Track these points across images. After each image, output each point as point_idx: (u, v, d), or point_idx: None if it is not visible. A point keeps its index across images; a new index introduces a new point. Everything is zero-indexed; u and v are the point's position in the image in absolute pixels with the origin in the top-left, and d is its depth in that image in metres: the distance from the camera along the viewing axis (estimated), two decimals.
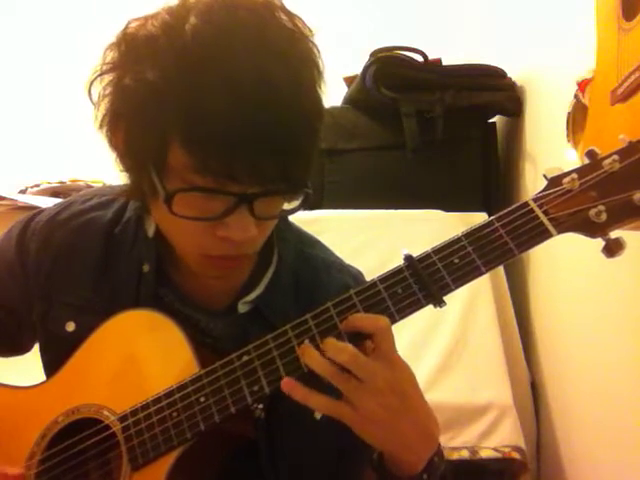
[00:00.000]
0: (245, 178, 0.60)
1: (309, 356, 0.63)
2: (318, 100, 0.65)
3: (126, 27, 0.64)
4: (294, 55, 0.61)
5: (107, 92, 0.66)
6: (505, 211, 0.63)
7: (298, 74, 0.61)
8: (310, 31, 0.65)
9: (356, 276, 0.85)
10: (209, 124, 0.58)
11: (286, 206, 0.69)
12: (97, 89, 0.67)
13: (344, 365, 0.61)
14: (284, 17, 0.63)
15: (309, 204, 0.68)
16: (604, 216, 0.59)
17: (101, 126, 0.67)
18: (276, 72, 0.59)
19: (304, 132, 0.62)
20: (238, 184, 0.61)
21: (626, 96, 0.75)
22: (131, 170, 0.68)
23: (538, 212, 0.61)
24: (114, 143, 0.67)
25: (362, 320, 0.63)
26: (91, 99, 0.67)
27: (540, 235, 0.61)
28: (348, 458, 0.76)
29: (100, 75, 0.66)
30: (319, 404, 0.62)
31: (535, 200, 0.62)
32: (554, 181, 0.62)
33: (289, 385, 0.62)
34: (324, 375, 0.62)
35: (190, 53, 0.58)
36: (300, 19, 0.65)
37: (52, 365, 0.79)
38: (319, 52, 0.65)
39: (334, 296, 0.65)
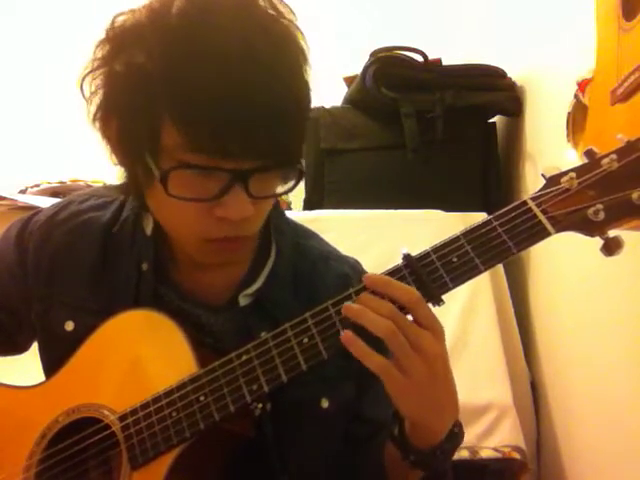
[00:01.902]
0: (238, 153, 0.61)
1: (367, 317, 0.61)
2: (304, 78, 0.65)
3: (113, 21, 0.65)
4: (277, 32, 0.63)
5: (99, 86, 0.66)
6: (503, 210, 0.63)
7: (282, 49, 0.62)
8: (293, 14, 0.66)
9: (354, 265, 0.86)
10: (198, 101, 0.58)
11: (280, 189, 0.70)
12: (88, 86, 0.67)
13: (402, 329, 0.61)
14: (267, 1, 0.64)
15: (299, 182, 0.69)
16: (602, 215, 0.59)
17: (94, 120, 0.68)
18: (261, 47, 0.60)
19: (293, 104, 0.62)
20: (232, 160, 0.61)
21: (626, 96, 0.75)
22: (125, 159, 0.68)
23: (536, 211, 0.61)
24: (107, 135, 0.68)
25: (396, 289, 0.63)
26: (83, 95, 0.68)
27: (538, 234, 0.61)
28: (352, 447, 0.76)
29: (91, 71, 0.66)
30: (373, 362, 0.61)
31: (533, 199, 0.62)
32: (552, 180, 0.62)
33: (349, 339, 0.61)
34: (384, 334, 0.60)
35: (175, 33, 0.59)
36: (282, 3, 0.66)
37: (51, 364, 0.79)
38: (303, 35, 0.66)
39: (333, 295, 0.65)
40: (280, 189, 0.69)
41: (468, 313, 1.48)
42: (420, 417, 0.66)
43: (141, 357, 0.74)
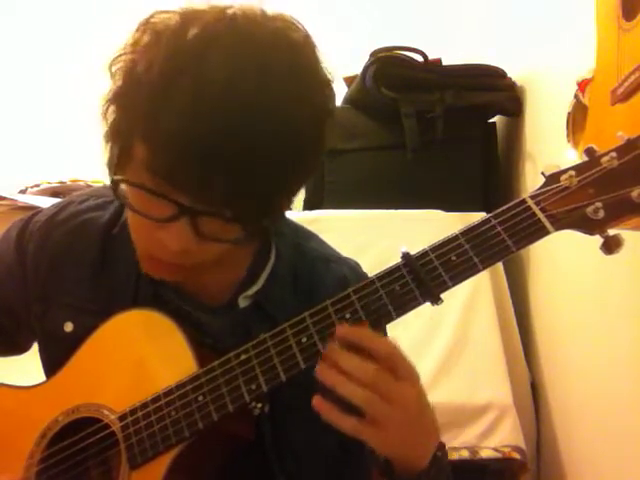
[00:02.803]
0: (190, 190, 0.59)
1: (335, 380, 0.62)
2: (298, 136, 0.61)
3: (150, 17, 0.64)
4: (283, 87, 0.59)
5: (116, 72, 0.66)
6: (502, 208, 0.63)
7: (277, 105, 0.59)
8: (312, 48, 0.65)
9: (353, 267, 0.86)
10: (165, 126, 0.57)
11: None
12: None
13: (374, 387, 0.61)
14: (304, 50, 0.63)
15: (261, 239, 0.69)
16: (602, 213, 0.59)
17: (102, 100, 0.67)
18: (251, 96, 0.57)
19: (264, 162, 0.59)
20: (182, 195, 0.60)
21: (626, 96, 0.75)
22: (107, 144, 0.68)
23: (535, 209, 0.61)
24: (106, 118, 0.67)
25: (373, 342, 0.63)
26: (111, 76, 0.67)
27: (537, 232, 0.61)
28: (351, 451, 0.76)
29: (119, 56, 0.65)
30: (346, 425, 0.62)
31: (532, 197, 0.62)
32: (552, 178, 0.62)
33: (320, 405, 0.62)
34: (362, 404, 0.61)
35: (177, 56, 0.59)
36: (320, 54, 0.65)
37: (51, 365, 0.79)
38: (317, 71, 0.66)
39: (332, 295, 0.66)
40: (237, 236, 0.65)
41: (468, 313, 1.48)
42: (399, 455, 0.67)
43: (141, 357, 0.74)
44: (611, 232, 0.60)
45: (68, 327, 0.78)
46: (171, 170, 0.58)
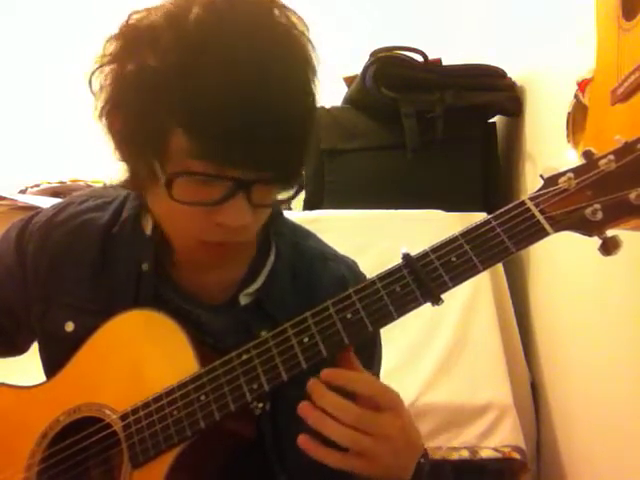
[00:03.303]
0: (243, 163, 0.61)
1: (319, 421, 0.63)
2: (312, 92, 0.66)
3: (128, 19, 0.65)
4: (290, 46, 0.63)
5: (108, 82, 0.66)
6: (502, 210, 0.63)
7: (293, 64, 0.63)
8: (306, 27, 0.66)
9: (351, 266, 0.86)
10: (207, 110, 0.59)
11: (280, 196, 0.71)
12: (97, 80, 0.68)
13: (355, 425, 0.63)
14: (282, 13, 0.64)
15: (299, 193, 0.70)
16: (600, 215, 0.60)
17: (100, 115, 0.68)
18: (273, 60, 0.61)
19: (299, 120, 0.63)
20: (236, 170, 0.62)
21: (626, 96, 0.75)
22: (130, 157, 0.69)
23: (534, 211, 0.62)
24: (112, 131, 0.68)
25: (355, 383, 0.65)
26: (91, 89, 0.68)
27: (536, 233, 0.61)
28: None
29: (101, 66, 0.67)
30: (333, 460, 0.63)
31: (532, 199, 0.63)
32: (550, 180, 0.63)
33: (305, 443, 0.64)
34: (347, 444, 0.63)
35: (191, 40, 0.60)
36: (297, 15, 0.66)
37: (51, 365, 0.80)
38: (314, 48, 0.67)
39: (332, 294, 0.66)
40: (279, 197, 0.70)
41: (468, 313, 1.48)
42: (385, 477, 0.68)
43: (142, 357, 0.74)
44: (609, 233, 0.60)
45: (69, 327, 0.78)
46: (220, 149, 0.60)
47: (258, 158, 0.62)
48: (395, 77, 1.67)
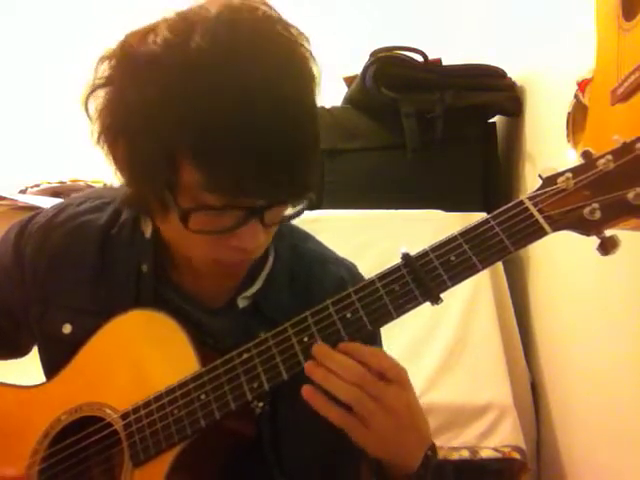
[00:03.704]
0: (256, 192, 0.61)
1: (323, 376, 0.63)
2: (316, 110, 0.66)
3: (124, 41, 0.64)
4: (295, 67, 0.63)
5: (104, 106, 0.65)
6: (501, 209, 0.64)
7: (302, 86, 0.62)
8: (307, 40, 0.66)
9: (350, 269, 0.86)
10: (218, 141, 0.58)
11: (290, 210, 0.70)
12: (92, 103, 0.67)
13: (361, 385, 0.63)
14: (284, 28, 0.63)
15: (311, 205, 0.69)
16: (598, 214, 0.60)
17: (98, 141, 0.67)
18: (282, 86, 0.60)
19: (310, 142, 0.63)
20: (249, 199, 0.62)
21: (626, 96, 0.75)
22: (137, 184, 0.68)
23: (533, 210, 0.62)
24: (114, 157, 0.67)
25: (363, 352, 0.65)
26: (87, 113, 0.67)
27: (535, 233, 0.62)
28: (347, 453, 0.77)
29: (96, 89, 0.66)
30: (333, 415, 0.63)
31: (530, 198, 0.63)
32: (549, 180, 0.63)
33: (308, 394, 0.64)
34: (349, 401, 0.63)
35: (195, 71, 0.58)
36: (296, 28, 0.65)
37: (50, 366, 0.80)
38: (315, 61, 0.66)
39: (333, 294, 0.66)
40: (289, 211, 0.70)
41: (468, 313, 1.48)
42: (389, 459, 0.68)
43: (143, 356, 0.74)
44: (607, 233, 0.60)
45: (66, 329, 0.78)
46: (235, 182, 0.60)
47: (272, 185, 0.61)
48: (395, 77, 1.67)
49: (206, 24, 0.59)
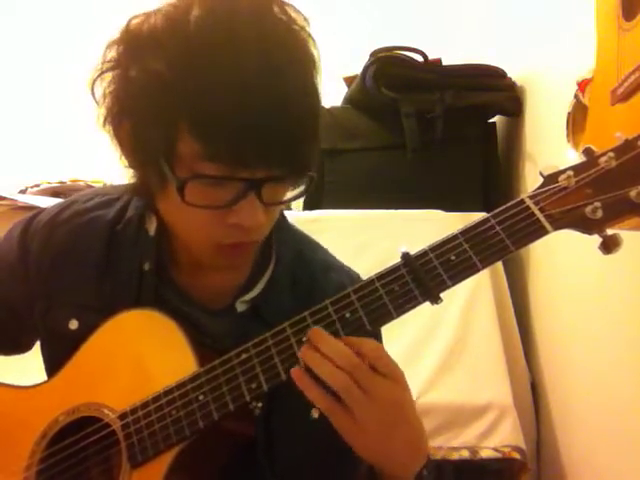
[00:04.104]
0: (254, 163, 0.61)
1: (315, 359, 0.62)
2: (317, 87, 0.66)
3: (128, 24, 0.65)
4: (292, 42, 0.63)
5: (110, 89, 0.66)
6: (501, 208, 0.63)
7: (299, 60, 0.63)
8: (305, 20, 0.66)
9: (354, 279, 0.85)
10: (216, 112, 0.59)
11: (290, 194, 0.70)
12: (99, 88, 0.67)
13: (352, 374, 0.62)
14: (280, 8, 0.64)
15: (312, 190, 0.70)
16: (600, 213, 0.59)
17: (104, 124, 0.68)
18: (279, 58, 0.60)
19: (308, 116, 0.63)
20: (247, 170, 0.62)
21: (626, 96, 0.75)
22: (138, 163, 0.69)
23: (534, 209, 0.61)
24: (119, 138, 0.68)
25: (361, 342, 0.64)
26: (94, 98, 0.68)
27: (536, 232, 0.61)
28: (341, 458, 0.76)
29: (102, 73, 0.67)
30: (319, 399, 0.62)
31: (531, 197, 0.62)
32: (550, 178, 0.62)
33: (297, 376, 0.63)
34: (338, 388, 0.61)
35: (195, 42, 0.59)
36: (295, 9, 0.66)
37: (53, 363, 0.79)
38: (314, 42, 0.67)
39: (332, 294, 0.66)
40: (290, 194, 0.70)
41: (468, 313, 1.48)
42: (376, 463, 0.66)
43: (142, 357, 0.74)
44: (609, 232, 0.60)
45: (73, 325, 0.78)
46: (231, 151, 0.60)
47: (269, 157, 0.62)
48: (395, 77, 1.67)
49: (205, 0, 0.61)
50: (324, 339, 0.63)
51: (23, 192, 1.82)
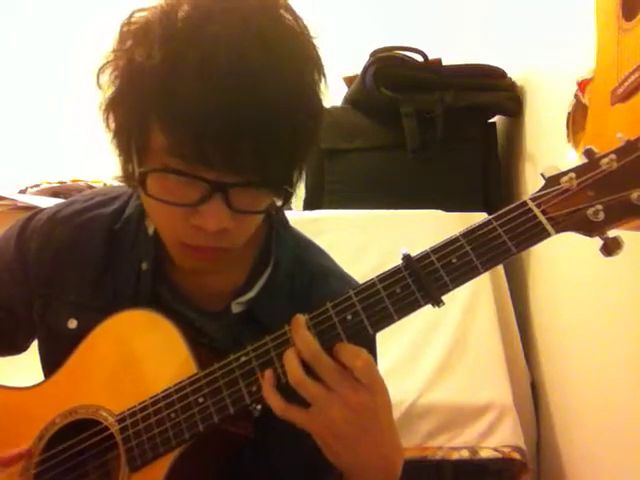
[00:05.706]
0: (219, 165, 0.59)
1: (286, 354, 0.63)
2: (305, 95, 0.62)
3: (130, 17, 0.65)
4: (283, 47, 0.60)
5: (104, 82, 0.66)
6: (503, 210, 0.62)
7: (282, 65, 0.59)
8: (304, 23, 0.64)
9: (353, 286, 0.84)
10: (182, 106, 0.57)
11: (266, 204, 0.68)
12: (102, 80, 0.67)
13: (311, 364, 0.62)
14: (287, 15, 0.63)
15: (289, 204, 0.68)
16: (602, 215, 0.59)
17: (100, 110, 0.67)
18: (257, 60, 0.58)
19: (282, 123, 0.59)
20: (212, 171, 0.60)
21: (626, 96, 0.75)
22: (119, 153, 0.68)
23: (536, 211, 0.61)
24: (109, 127, 0.67)
25: (343, 349, 0.63)
26: (99, 86, 0.67)
27: (538, 235, 0.61)
28: (323, 467, 0.76)
29: (104, 65, 0.66)
30: (273, 401, 0.63)
31: (533, 199, 0.62)
32: (552, 180, 0.62)
33: (269, 395, 0.63)
34: (292, 382, 0.62)
35: (175, 37, 0.58)
36: (294, 12, 0.64)
37: (51, 363, 0.79)
38: (313, 44, 0.64)
39: (333, 297, 0.65)
40: (264, 205, 0.67)
41: (468, 313, 1.48)
42: (347, 470, 0.66)
43: (139, 358, 0.73)
44: (611, 234, 0.60)
45: (72, 324, 0.77)
46: (194, 148, 0.58)
47: (234, 161, 0.59)
48: (395, 77, 1.67)
49: None
50: (298, 330, 0.63)
51: (23, 192, 1.82)
